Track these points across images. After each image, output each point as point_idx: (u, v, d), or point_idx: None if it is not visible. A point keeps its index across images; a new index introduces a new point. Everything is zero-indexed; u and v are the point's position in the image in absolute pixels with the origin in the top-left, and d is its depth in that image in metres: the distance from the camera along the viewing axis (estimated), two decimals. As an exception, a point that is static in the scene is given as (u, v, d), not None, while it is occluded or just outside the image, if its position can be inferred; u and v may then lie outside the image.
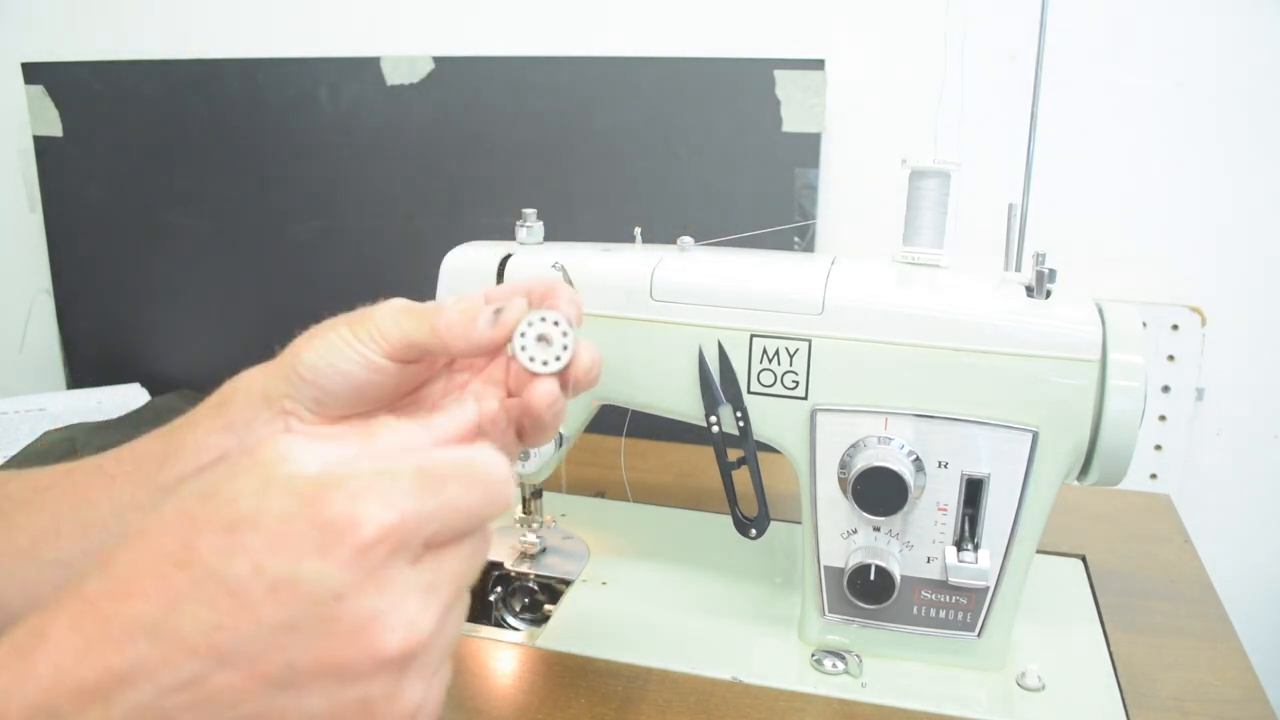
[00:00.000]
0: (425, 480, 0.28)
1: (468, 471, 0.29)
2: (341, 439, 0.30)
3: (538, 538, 0.72)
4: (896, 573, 0.56)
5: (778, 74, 0.97)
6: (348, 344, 0.38)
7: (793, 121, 0.98)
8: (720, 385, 0.59)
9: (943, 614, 0.58)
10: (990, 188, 0.81)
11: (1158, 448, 1.00)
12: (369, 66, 1.06)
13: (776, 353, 0.57)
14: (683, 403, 0.61)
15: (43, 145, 1.18)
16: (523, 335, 0.36)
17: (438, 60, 1.05)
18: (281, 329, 1.26)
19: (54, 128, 1.17)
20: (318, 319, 1.07)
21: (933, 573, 0.57)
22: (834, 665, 0.59)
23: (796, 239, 1.01)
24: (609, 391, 0.63)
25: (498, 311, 0.36)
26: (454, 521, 0.29)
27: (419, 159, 1.08)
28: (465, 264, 0.65)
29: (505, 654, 0.60)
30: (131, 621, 0.26)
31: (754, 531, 0.61)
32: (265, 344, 1.21)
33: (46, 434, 0.93)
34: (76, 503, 0.39)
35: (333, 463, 0.28)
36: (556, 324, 0.36)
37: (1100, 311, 0.54)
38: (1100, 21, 0.93)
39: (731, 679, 0.58)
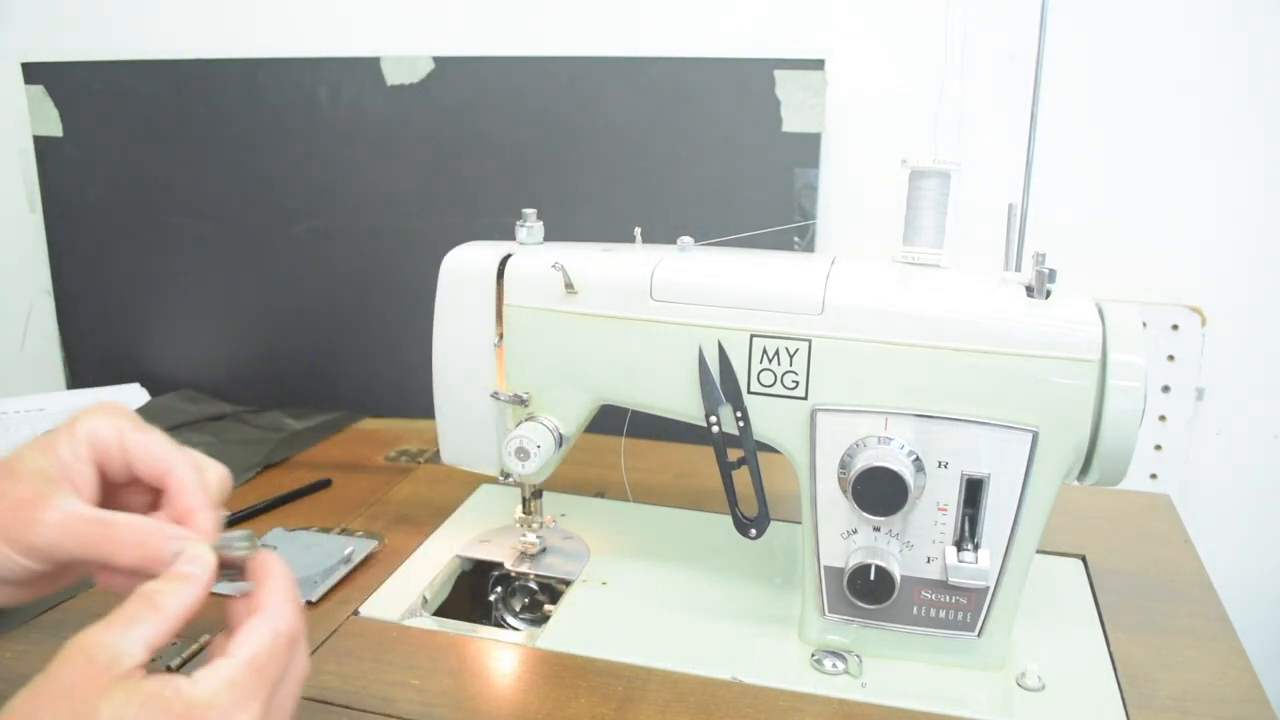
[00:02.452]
0: (258, 673, 0.38)
1: (275, 642, 0.39)
2: (136, 617, 0.37)
3: (538, 538, 0.72)
4: (896, 573, 0.56)
5: (778, 74, 0.97)
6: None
7: (793, 121, 0.98)
8: (720, 385, 0.59)
9: (943, 614, 0.58)
10: (990, 188, 0.81)
11: (1158, 448, 1.00)
12: (369, 66, 1.06)
13: (776, 353, 0.57)
14: (683, 403, 0.61)
15: (43, 145, 1.18)
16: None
17: (438, 60, 1.05)
18: (281, 329, 1.27)
19: (54, 128, 1.17)
20: (317, 319, 1.10)
21: (933, 573, 0.57)
22: (834, 665, 0.59)
23: (796, 239, 1.01)
24: (609, 391, 0.63)
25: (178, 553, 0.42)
26: (282, 677, 0.39)
27: (419, 159, 1.08)
28: (465, 264, 0.65)
29: (505, 654, 0.60)
30: None
31: (754, 531, 0.61)
32: (265, 344, 1.23)
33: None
34: None
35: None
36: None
37: (1100, 311, 0.54)
38: (1100, 21, 0.93)
39: (731, 679, 0.58)
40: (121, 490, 0.46)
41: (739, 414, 0.59)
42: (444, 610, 0.69)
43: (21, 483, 0.43)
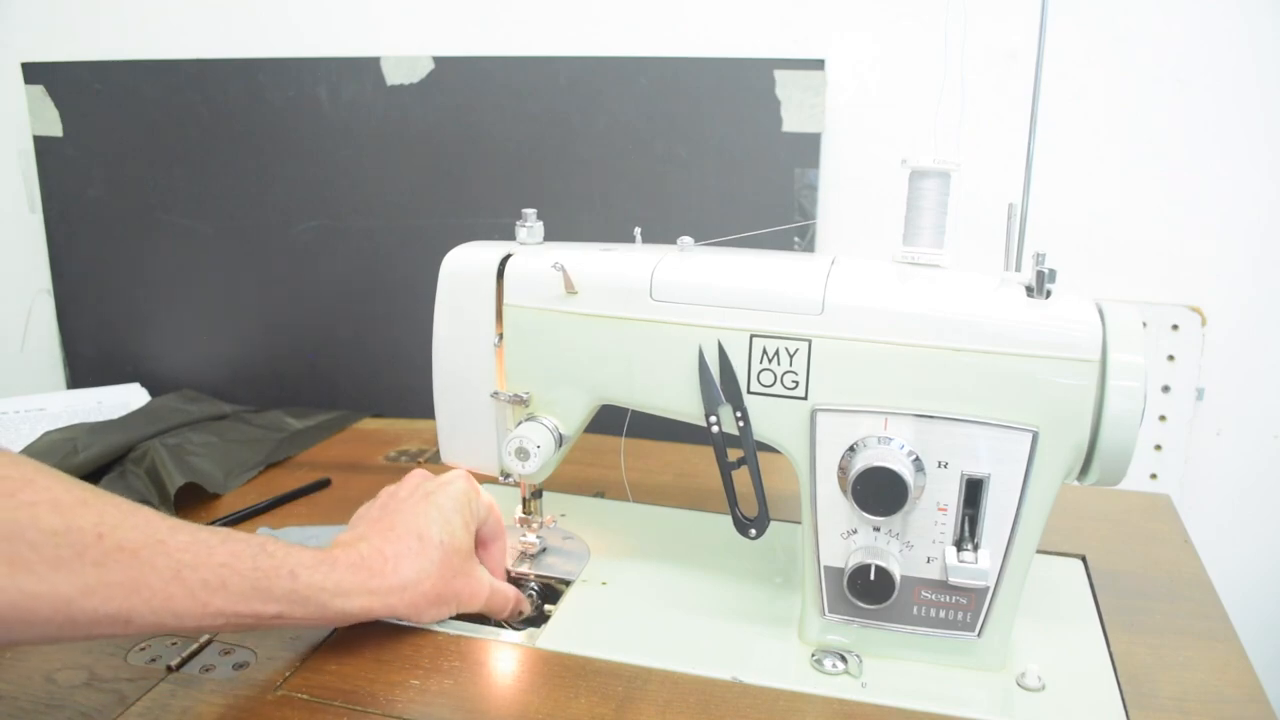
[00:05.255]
0: (496, 593, 0.65)
1: (499, 597, 0.65)
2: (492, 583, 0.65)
3: (538, 538, 0.72)
4: (896, 573, 0.56)
5: (778, 74, 0.97)
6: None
7: (793, 121, 0.98)
8: (720, 385, 0.59)
9: (943, 614, 0.58)
10: (990, 188, 0.81)
11: (1158, 448, 1.00)
12: (369, 66, 1.06)
13: (776, 353, 0.57)
14: (683, 403, 0.61)
15: (43, 145, 1.18)
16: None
17: (438, 60, 1.05)
18: (281, 329, 1.28)
19: (54, 128, 1.17)
20: (317, 319, 1.13)
21: (933, 573, 0.57)
22: (834, 665, 0.59)
23: (796, 239, 1.01)
24: (609, 391, 0.63)
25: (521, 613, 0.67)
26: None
27: (419, 159, 1.08)
28: (465, 264, 0.65)
29: (505, 654, 0.60)
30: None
31: (754, 531, 0.61)
32: (265, 344, 1.23)
33: (46, 434, 0.93)
34: None
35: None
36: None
37: (1100, 311, 0.54)
38: (1100, 21, 0.93)
39: (731, 679, 0.58)
40: None
41: (739, 414, 0.59)
42: (444, 610, 0.69)
43: (469, 562, 0.62)
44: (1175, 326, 0.97)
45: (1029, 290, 0.56)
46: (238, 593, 0.50)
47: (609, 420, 0.70)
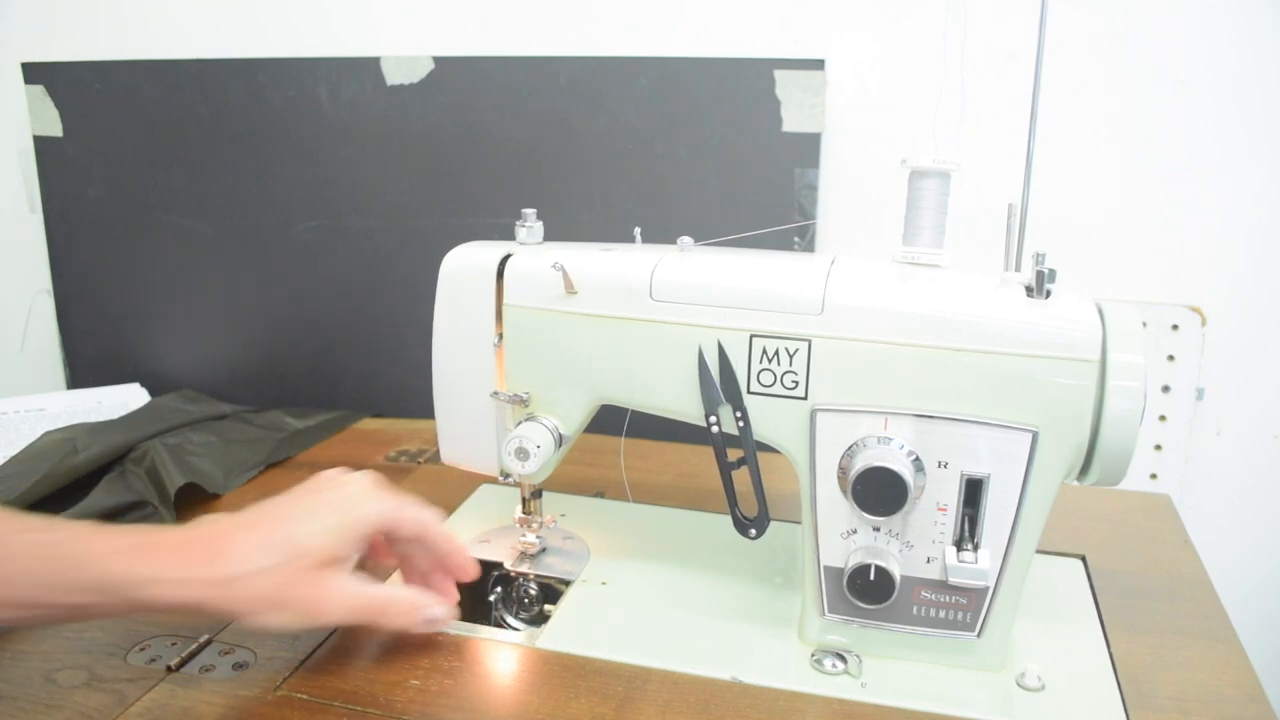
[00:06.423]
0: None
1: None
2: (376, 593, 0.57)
3: (538, 538, 0.72)
4: (896, 573, 0.56)
5: (778, 74, 0.97)
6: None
7: (793, 121, 0.98)
8: (720, 385, 0.59)
9: (943, 614, 0.58)
10: (990, 188, 0.81)
11: (1158, 448, 1.00)
12: (369, 66, 1.06)
13: (776, 353, 0.57)
14: (683, 403, 0.61)
15: (43, 145, 1.18)
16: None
17: (438, 60, 1.05)
18: (281, 329, 1.28)
19: (54, 128, 1.17)
20: (317, 319, 1.13)
21: (933, 573, 0.57)
22: (834, 665, 0.59)
23: (796, 239, 1.01)
24: (609, 391, 0.63)
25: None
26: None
27: (419, 159, 1.08)
28: (465, 264, 0.65)
29: (505, 654, 0.60)
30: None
31: (754, 531, 0.61)
32: (265, 344, 1.23)
33: (46, 434, 0.93)
34: None
35: None
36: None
37: (1100, 311, 0.54)
38: (1100, 21, 0.93)
39: (731, 679, 0.58)
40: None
41: (739, 414, 0.59)
42: (444, 610, 0.69)
43: (324, 571, 0.54)
44: (1175, 326, 0.97)
45: (1029, 290, 0.56)
46: (32, 583, 0.48)
47: (609, 420, 0.70)
